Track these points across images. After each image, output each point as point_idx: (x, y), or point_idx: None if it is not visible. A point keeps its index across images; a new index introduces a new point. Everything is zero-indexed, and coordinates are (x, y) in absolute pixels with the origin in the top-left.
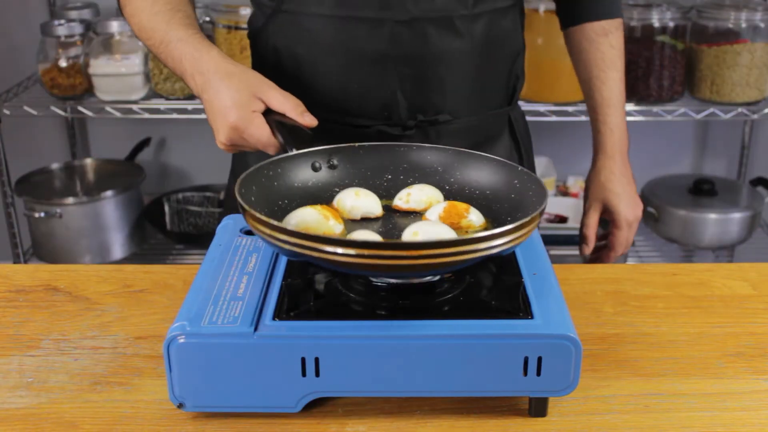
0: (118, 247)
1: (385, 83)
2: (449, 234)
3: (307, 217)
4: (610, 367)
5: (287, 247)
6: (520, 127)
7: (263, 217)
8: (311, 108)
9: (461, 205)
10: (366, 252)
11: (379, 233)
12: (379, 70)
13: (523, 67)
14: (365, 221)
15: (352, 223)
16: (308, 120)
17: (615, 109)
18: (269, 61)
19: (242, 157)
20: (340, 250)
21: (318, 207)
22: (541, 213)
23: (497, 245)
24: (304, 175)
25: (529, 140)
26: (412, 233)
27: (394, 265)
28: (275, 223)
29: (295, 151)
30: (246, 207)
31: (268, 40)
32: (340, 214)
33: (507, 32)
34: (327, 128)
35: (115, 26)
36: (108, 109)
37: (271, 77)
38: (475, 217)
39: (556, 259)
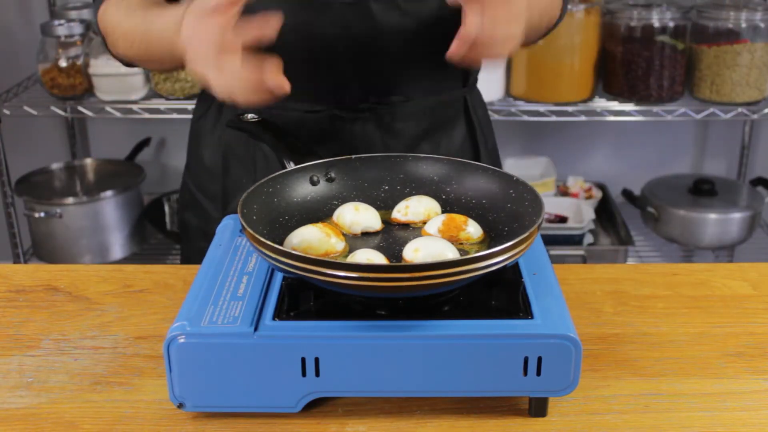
0: (118, 247)
1: (335, 66)
2: (449, 250)
3: (309, 236)
4: (610, 367)
5: (289, 269)
6: (478, 113)
7: (266, 241)
8: None
9: (459, 218)
10: (368, 275)
11: (379, 248)
12: (329, 53)
13: None
14: (365, 236)
15: (352, 239)
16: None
17: None
18: None
19: (197, 162)
20: (341, 273)
21: (319, 225)
22: (539, 227)
23: (498, 262)
24: (302, 189)
25: (489, 127)
26: (413, 250)
27: (397, 287)
28: (278, 247)
29: (293, 166)
30: (249, 229)
31: None
32: (341, 230)
33: (457, 11)
34: (278, 115)
35: None
36: (108, 109)
37: None
38: (473, 230)
39: (556, 259)
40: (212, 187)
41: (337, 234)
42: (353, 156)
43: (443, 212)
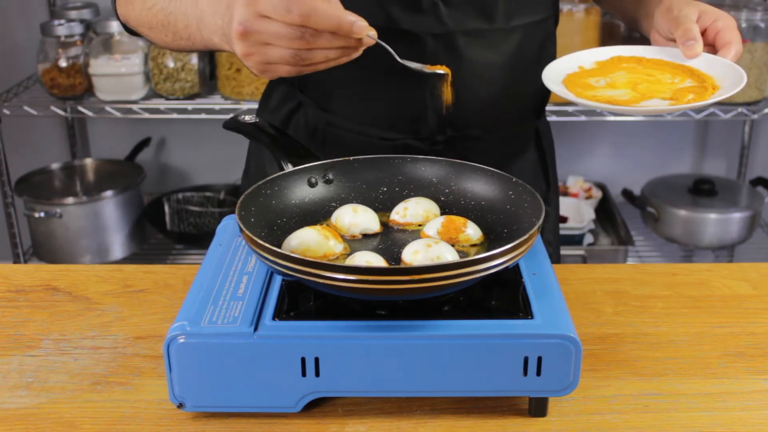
0: (118, 247)
1: (416, 97)
2: (448, 252)
3: (307, 238)
4: (610, 367)
5: (287, 272)
6: (546, 138)
7: (264, 243)
8: (341, 119)
9: (459, 220)
10: (367, 278)
11: (378, 250)
12: (411, 83)
13: None
14: (364, 238)
15: (351, 241)
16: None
17: None
18: None
19: (258, 156)
20: (341, 276)
21: (318, 227)
22: (539, 228)
23: (497, 264)
24: (300, 191)
25: (553, 150)
26: (412, 252)
27: (396, 290)
28: (276, 249)
29: (291, 167)
30: (247, 232)
31: None
32: (339, 231)
33: (541, 45)
34: (354, 140)
35: (115, 26)
36: (108, 109)
37: (305, 86)
38: (472, 231)
39: (556, 259)
40: None
41: (335, 236)
42: (351, 158)
43: (442, 214)
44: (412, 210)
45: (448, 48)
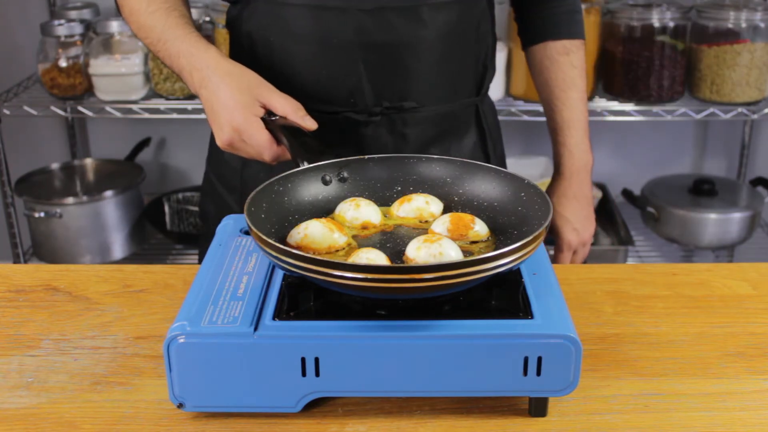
0: (118, 247)
1: (351, 70)
2: (452, 248)
3: (312, 231)
4: (610, 367)
5: (293, 269)
6: (488, 119)
7: (268, 239)
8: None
9: (467, 217)
10: (372, 276)
11: (385, 247)
12: (345, 58)
13: (493, 59)
14: (368, 232)
15: (358, 237)
16: (309, 123)
17: (575, 131)
18: (244, 47)
19: (218, 155)
20: (347, 274)
21: (323, 220)
22: (547, 228)
23: (504, 264)
24: (314, 189)
25: (498, 134)
26: (416, 248)
27: (402, 288)
28: (281, 246)
29: (306, 165)
30: (254, 228)
31: (242, 27)
32: (343, 224)
33: (474, 23)
34: None
35: (115, 26)
36: (108, 109)
37: (246, 63)
38: (480, 227)
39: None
40: (231, 180)
41: (340, 229)
42: (366, 156)
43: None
44: (408, 205)
45: (378, 22)
